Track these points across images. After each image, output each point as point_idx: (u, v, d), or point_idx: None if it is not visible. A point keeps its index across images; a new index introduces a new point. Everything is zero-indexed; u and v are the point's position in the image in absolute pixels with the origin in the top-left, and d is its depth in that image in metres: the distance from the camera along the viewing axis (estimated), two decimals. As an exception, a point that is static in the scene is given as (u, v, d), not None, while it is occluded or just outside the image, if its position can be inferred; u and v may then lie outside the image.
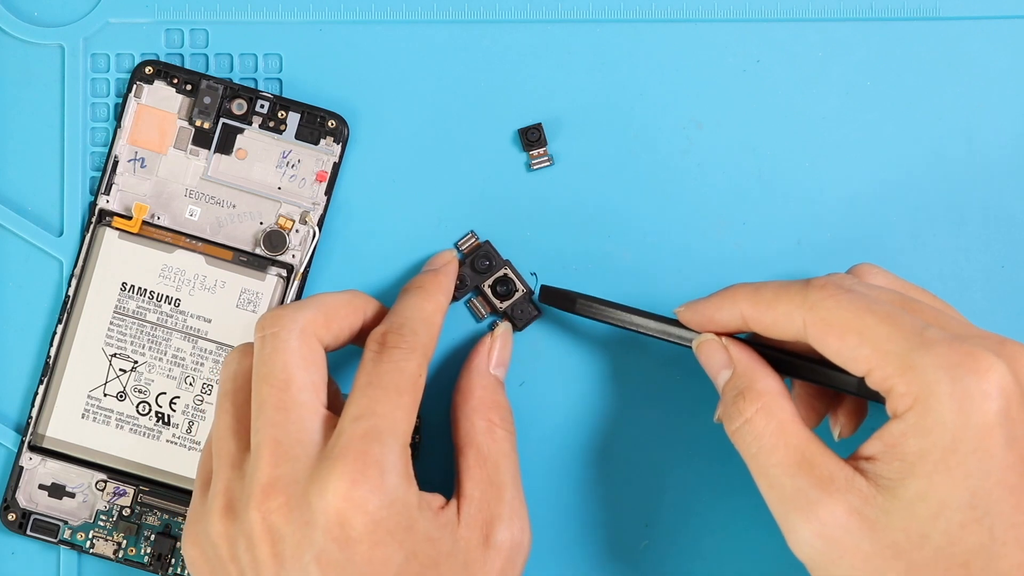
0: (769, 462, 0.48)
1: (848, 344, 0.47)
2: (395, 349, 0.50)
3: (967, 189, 0.57)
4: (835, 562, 0.46)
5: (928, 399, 0.45)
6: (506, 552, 0.50)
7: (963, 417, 0.45)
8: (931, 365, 0.45)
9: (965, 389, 0.45)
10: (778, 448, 0.48)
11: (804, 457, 0.47)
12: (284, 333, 0.50)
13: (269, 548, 0.48)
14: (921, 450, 0.45)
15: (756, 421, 0.48)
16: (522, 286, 0.57)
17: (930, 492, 0.45)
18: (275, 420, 0.49)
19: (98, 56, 0.57)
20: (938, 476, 0.45)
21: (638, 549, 0.57)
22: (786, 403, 0.49)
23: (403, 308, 0.52)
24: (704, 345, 0.51)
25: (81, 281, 0.56)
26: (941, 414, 0.45)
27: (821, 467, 0.47)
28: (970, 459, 0.45)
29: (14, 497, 0.56)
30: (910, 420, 0.46)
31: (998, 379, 0.45)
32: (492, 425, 0.53)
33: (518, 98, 0.57)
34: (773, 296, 0.49)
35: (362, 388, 0.49)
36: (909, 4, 0.58)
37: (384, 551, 0.47)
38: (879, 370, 0.46)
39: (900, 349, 0.46)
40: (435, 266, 0.55)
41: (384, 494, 0.47)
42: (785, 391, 0.49)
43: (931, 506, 0.45)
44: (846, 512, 0.46)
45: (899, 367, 0.46)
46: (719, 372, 0.51)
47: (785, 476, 0.47)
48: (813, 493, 0.46)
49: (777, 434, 0.48)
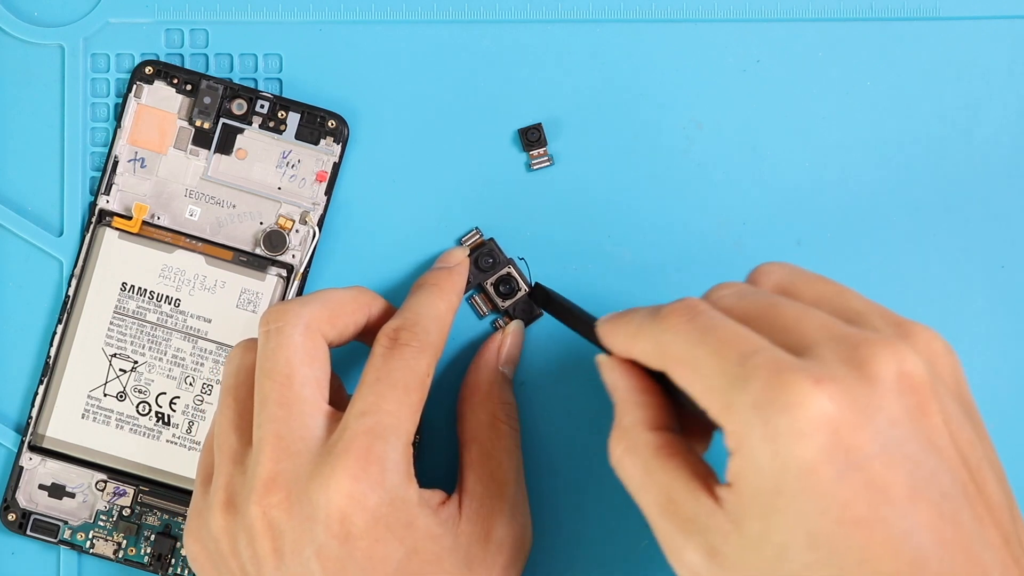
0: (642, 501, 0.45)
1: (684, 378, 0.44)
2: (406, 347, 0.50)
3: (967, 189, 0.57)
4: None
5: (744, 443, 0.42)
6: (508, 548, 0.51)
7: (779, 460, 0.41)
8: (745, 404, 0.42)
9: (776, 429, 0.41)
10: (644, 489, 0.45)
11: (669, 498, 0.44)
12: (288, 328, 0.50)
13: (270, 543, 0.48)
14: (752, 491, 0.42)
15: (624, 462, 0.46)
16: (524, 285, 0.57)
17: (769, 534, 0.41)
18: (277, 415, 0.49)
19: (98, 56, 0.57)
20: (773, 518, 0.41)
21: (638, 549, 0.57)
22: (650, 436, 0.45)
23: (416, 305, 0.52)
24: (598, 364, 0.48)
25: (81, 281, 0.56)
26: (757, 459, 0.41)
27: (684, 507, 0.44)
28: (798, 500, 0.41)
29: (14, 497, 0.56)
30: (737, 462, 0.42)
31: (816, 411, 0.40)
32: (496, 421, 0.53)
33: (518, 98, 0.57)
34: (636, 329, 0.46)
35: (370, 384, 0.49)
36: (909, 4, 0.58)
37: (384, 547, 0.47)
38: (710, 407, 0.43)
39: (721, 385, 0.42)
40: (448, 263, 0.55)
41: (385, 491, 0.48)
42: (653, 420, 0.46)
43: (773, 548, 0.41)
44: (706, 554, 0.43)
45: (721, 406, 0.42)
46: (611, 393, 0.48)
47: (655, 517, 0.44)
48: (678, 538, 0.44)
49: (643, 474, 0.45)
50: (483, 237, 0.57)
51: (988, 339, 0.57)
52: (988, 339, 0.57)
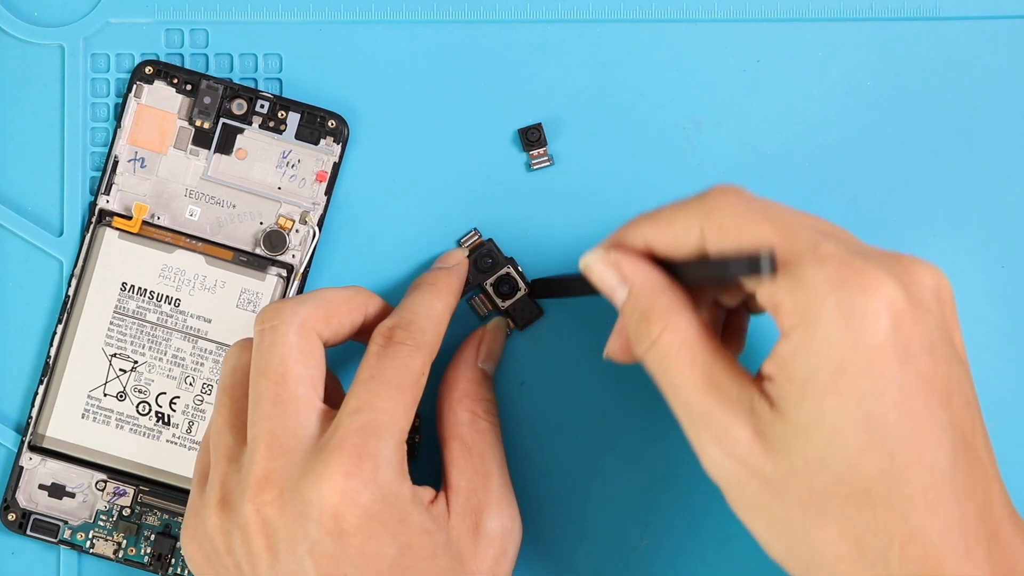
0: (677, 383, 0.45)
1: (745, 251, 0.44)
2: (401, 345, 0.50)
3: (967, 189, 0.57)
4: (743, 484, 0.45)
5: (814, 317, 0.43)
6: (497, 540, 0.51)
7: (851, 336, 0.42)
8: (819, 281, 0.43)
9: (852, 307, 0.42)
10: (685, 368, 0.45)
11: (711, 377, 0.45)
12: (283, 327, 0.50)
13: (263, 541, 0.48)
14: (808, 371, 0.43)
15: (663, 341, 0.46)
16: (524, 285, 0.57)
17: (823, 416, 0.43)
18: (271, 414, 0.49)
19: (98, 56, 0.57)
20: (829, 399, 0.43)
21: (638, 549, 0.57)
22: (691, 318, 0.46)
23: (413, 304, 0.52)
24: (593, 264, 0.48)
25: (81, 281, 0.56)
26: (827, 333, 0.43)
27: (727, 388, 0.45)
28: (861, 381, 0.42)
29: (14, 497, 0.56)
30: (796, 339, 0.43)
31: (887, 297, 0.43)
32: (475, 417, 0.53)
33: (518, 98, 0.57)
34: (671, 212, 0.47)
35: (364, 382, 0.49)
36: (909, 4, 0.58)
37: (378, 544, 0.48)
38: (768, 283, 0.44)
39: (792, 260, 0.44)
40: (446, 264, 0.55)
41: (377, 488, 0.48)
42: (689, 304, 0.46)
43: (825, 431, 0.43)
44: (751, 435, 0.44)
45: (788, 281, 0.44)
46: (615, 292, 0.48)
47: (693, 397, 0.45)
48: (721, 416, 0.44)
49: (684, 353, 0.45)
50: (482, 238, 0.57)
51: (988, 339, 0.57)
52: (988, 339, 0.57)
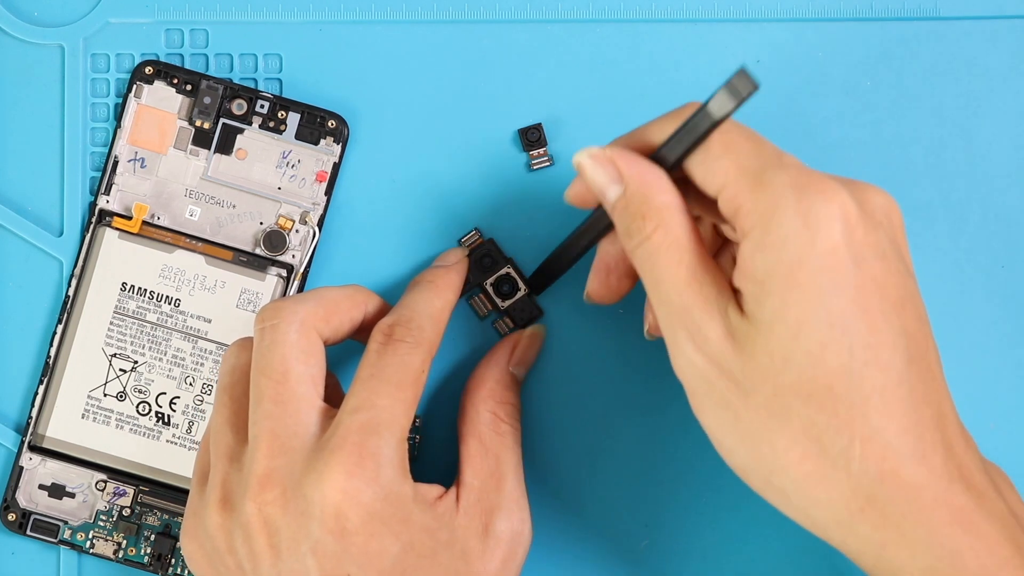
0: (663, 277, 0.47)
1: (712, 153, 0.47)
2: (401, 343, 0.50)
3: (967, 189, 0.57)
4: (711, 383, 0.46)
5: (773, 215, 0.45)
6: (506, 542, 0.51)
7: (808, 234, 0.45)
8: (779, 183, 0.45)
9: (810, 208, 0.45)
10: (671, 265, 0.47)
11: (695, 277, 0.47)
12: (283, 325, 0.50)
13: (265, 539, 0.48)
14: (768, 268, 0.45)
15: (654, 238, 0.47)
16: (524, 285, 0.57)
17: (785, 311, 0.45)
18: (272, 412, 0.49)
19: (98, 56, 0.57)
20: (790, 293, 0.45)
21: (638, 549, 0.57)
22: (683, 219, 0.47)
23: (412, 302, 0.52)
24: (589, 160, 0.49)
25: (81, 281, 0.56)
26: (784, 229, 0.45)
27: (707, 289, 0.46)
28: (820, 277, 0.44)
29: (14, 497, 0.56)
30: (754, 238, 0.45)
31: (842, 204, 0.45)
32: (497, 418, 0.53)
33: (518, 98, 0.57)
34: (662, 121, 0.49)
35: (363, 380, 0.49)
36: (909, 4, 0.58)
37: (380, 542, 0.48)
38: (733, 185, 0.46)
39: (756, 166, 0.46)
40: (446, 262, 0.55)
41: (379, 486, 0.48)
42: (682, 206, 0.48)
43: (789, 326, 0.45)
44: (722, 334, 0.46)
45: (751, 183, 0.46)
46: (608, 189, 0.48)
47: (675, 293, 0.47)
48: (697, 313, 0.46)
49: (673, 251, 0.47)
50: (483, 237, 0.57)
51: (988, 339, 0.57)
52: (988, 339, 0.57)
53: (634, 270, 0.52)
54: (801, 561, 0.57)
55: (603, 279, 0.53)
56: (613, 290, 0.53)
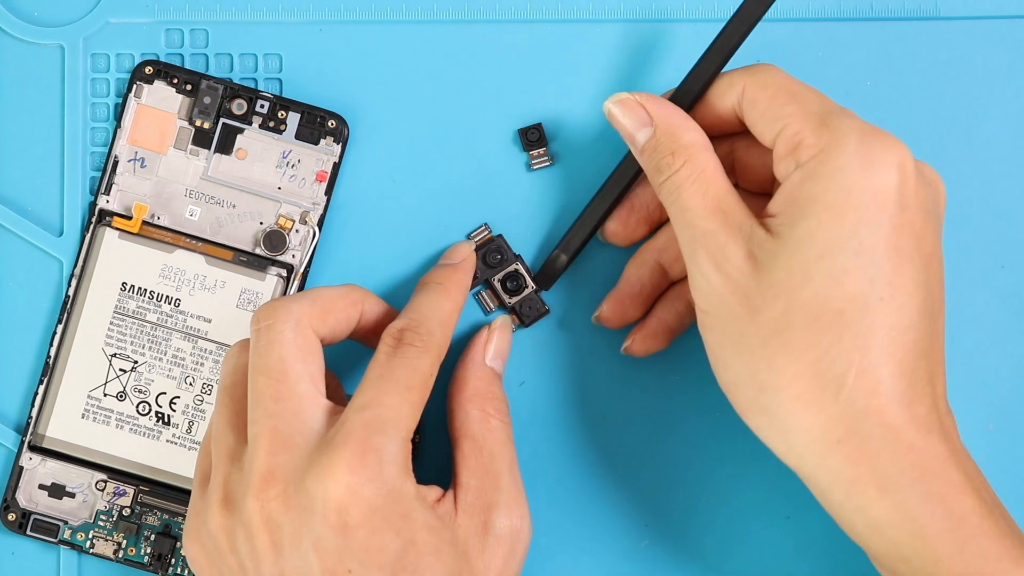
0: (688, 205, 0.49)
1: (777, 101, 0.49)
2: (410, 347, 0.50)
3: (967, 189, 0.57)
4: (723, 299, 0.48)
5: (833, 149, 0.48)
6: (506, 539, 0.51)
7: (863, 171, 0.47)
8: (846, 126, 0.48)
9: (871, 150, 0.47)
10: (697, 195, 0.49)
11: (719, 205, 0.49)
12: (279, 325, 0.50)
13: (267, 537, 0.48)
14: (815, 193, 0.47)
15: (682, 172, 0.50)
16: (532, 282, 0.57)
17: (818, 232, 0.47)
18: (273, 411, 0.49)
19: (98, 56, 0.57)
20: (827, 217, 0.47)
21: (638, 549, 0.57)
22: (710, 155, 0.50)
23: (421, 305, 0.52)
24: (619, 104, 0.52)
25: (81, 281, 0.56)
26: (842, 162, 0.47)
27: (732, 215, 0.49)
28: (863, 209, 0.47)
29: (14, 497, 0.56)
30: (810, 167, 0.48)
31: (902, 156, 0.48)
32: (486, 415, 0.53)
33: (518, 98, 0.57)
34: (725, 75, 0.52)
35: (372, 380, 0.50)
36: (909, 4, 0.58)
37: (381, 539, 0.48)
38: (796, 125, 0.49)
39: (821, 111, 0.49)
40: (453, 260, 0.55)
41: (382, 482, 0.48)
42: (709, 144, 0.51)
43: (817, 246, 0.47)
44: (744, 255, 0.48)
45: (815, 123, 0.48)
46: (637, 131, 0.52)
47: (699, 219, 0.49)
48: (721, 236, 0.49)
49: (699, 182, 0.50)
50: (491, 233, 0.57)
51: (988, 339, 0.57)
52: (988, 339, 0.57)
53: (653, 216, 0.55)
54: (801, 561, 0.57)
55: (624, 218, 0.55)
56: (630, 231, 0.55)
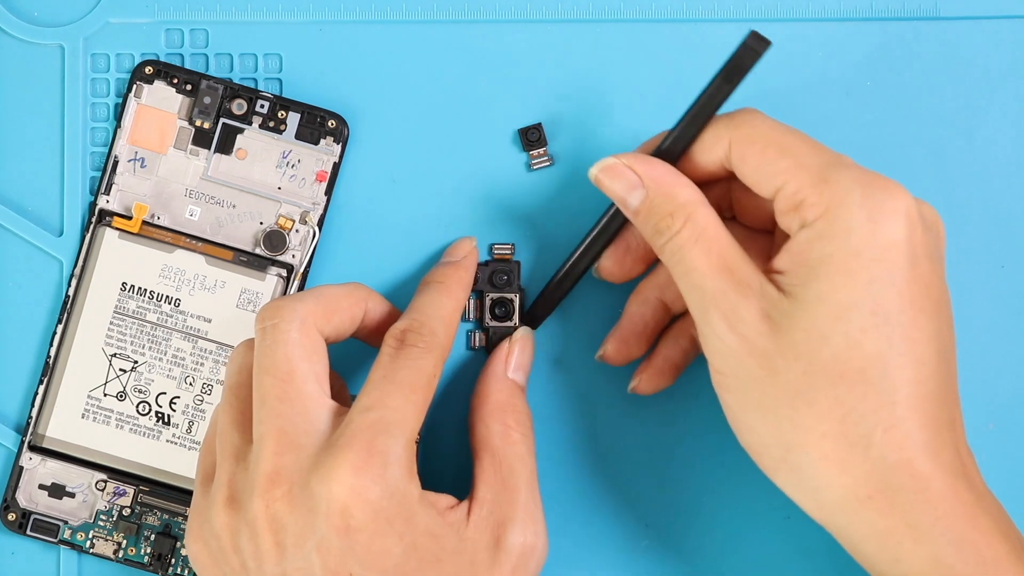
0: (694, 266, 0.49)
1: (768, 157, 0.49)
2: (413, 348, 0.50)
3: (967, 189, 0.57)
4: (741, 361, 0.48)
5: (839, 207, 0.47)
6: (516, 555, 0.50)
7: (871, 227, 0.47)
8: (846, 180, 0.47)
9: (876, 203, 0.47)
10: (702, 255, 0.49)
11: (726, 262, 0.49)
12: (284, 324, 0.50)
13: (271, 537, 0.48)
14: (825, 254, 0.47)
15: (683, 233, 0.49)
16: (517, 319, 0.56)
17: (832, 294, 0.47)
18: (279, 411, 0.49)
19: (98, 56, 0.57)
20: (840, 278, 0.47)
21: (638, 549, 0.57)
22: (709, 211, 0.49)
23: (423, 305, 0.52)
24: (605, 171, 0.51)
25: (81, 281, 0.56)
26: (849, 221, 0.47)
27: (740, 273, 0.48)
28: (874, 266, 0.47)
29: (14, 497, 0.56)
30: (817, 227, 0.47)
31: (906, 204, 0.47)
32: (507, 429, 0.52)
33: (518, 98, 0.57)
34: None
35: (376, 382, 0.50)
36: (909, 4, 0.58)
37: (384, 541, 0.47)
38: (794, 182, 0.48)
39: (817, 164, 0.48)
40: (455, 257, 0.55)
41: (385, 485, 0.48)
42: (704, 199, 0.50)
43: (832, 308, 0.47)
44: (758, 314, 0.48)
45: (814, 179, 0.48)
46: (628, 194, 0.51)
47: (707, 280, 0.48)
48: (732, 295, 0.48)
49: (702, 241, 0.49)
50: (513, 256, 0.57)
51: (988, 339, 0.57)
52: (988, 339, 0.57)
53: (650, 255, 0.54)
54: (801, 561, 0.57)
55: (619, 257, 0.55)
56: (626, 270, 0.55)
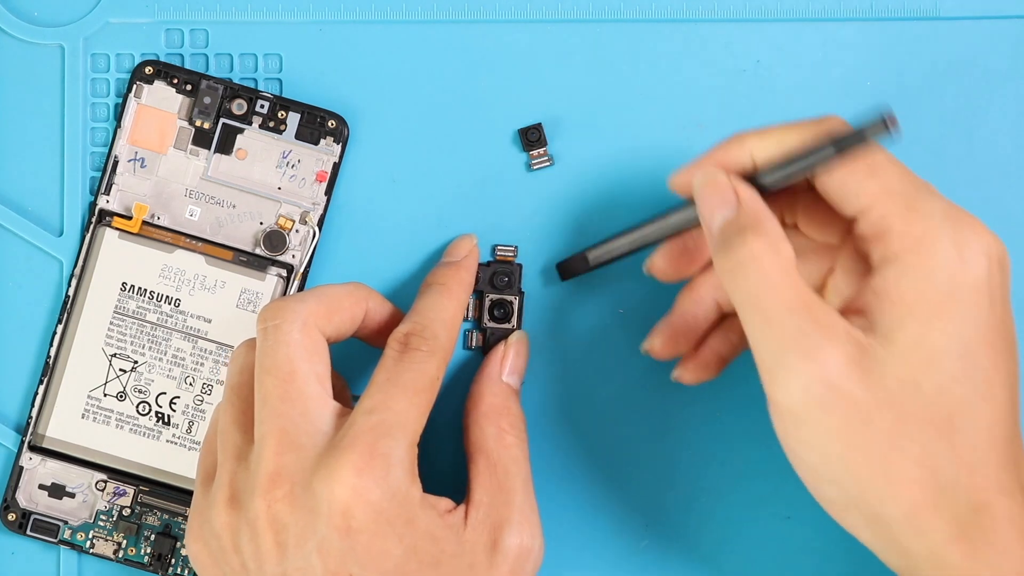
0: (771, 299, 0.46)
1: (856, 176, 0.47)
2: (416, 351, 0.50)
3: (967, 189, 0.57)
4: (827, 409, 0.45)
5: (930, 242, 0.46)
6: (513, 557, 0.50)
7: (961, 266, 0.46)
8: (935, 211, 0.46)
9: (964, 240, 0.46)
10: (782, 287, 0.46)
11: (805, 301, 0.46)
12: (286, 325, 0.50)
13: (272, 537, 0.48)
14: (918, 292, 0.46)
15: (763, 257, 0.46)
16: (515, 324, 0.56)
17: (926, 338, 0.45)
18: (281, 411, 0.49)
19: (98, 56, 0.57)
20: (936, 322, 0.45)
21: (638, 549, 0.57)
22: (790, 247, 0.47)
23: (425, 308, 0.52)
24: (711, 182, 0.49)
25: (81, 281, 0.56)
26: (942, 258, 0.46)
27: (822, 314, 0.46)
28: (963, 309, 0.46)
29: (14, 497, 0.56)
30: (908, 261, 0.46)
31: (991, 242, 0.46)
32: (502, 432, 0.53)
33: (518, 98, 0.57)
34: (784, 129, 0.49)
35: (379, 384, 0.50)
36: (909, 4, 0.58)
37: (384, 543, 0.47)
38: (880, 207, 0.47)
39: (906, 190, 0.47)
40: (455, 256, 0.55)
41: (387, 486, 0.48)
42: (784, 235, 0.47)
43: (926, 353, 0.45)
44: (844, 359, 0.45)
45: (902, 207, 0.46)
46: (719, 210, 0.48)
47: (788, 316, 0.46)
48: (815, 336, 0.45)
49: (783, 273, 0.46)
50: (516, 258, 0.57)
51: (988, 339, 0.57)
52: (988, 339, 0.57)
53: (702, 260, 0.53)
54: (801, 561, 0.57)
55: (674, 258, 0.53)
56: (679, 271, 0.53)
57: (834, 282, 0.51)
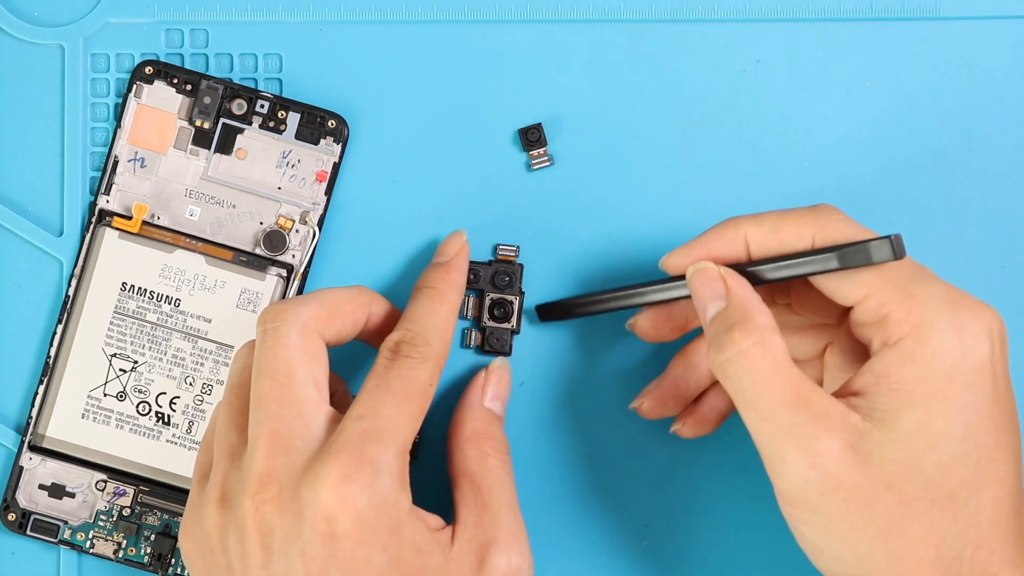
0: (764, 395, 0.47)
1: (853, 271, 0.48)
2: (407, 358, 0.50)
3: (967, 189, 0.57)
4: (826, 495, 0.46)
5: (929, 327, 0.46)
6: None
7: (961, 349, 0.46)
8: (934, 296, 0.47)
9: (964, 324, 0.46)
10: (774, 383, 0.47)
11: (799, 392, 0.47)
12: (286, 328, 0.50)
13: (258, 539, 0.48)
14: (918, 378, 0.46)
15: (752, 354, 0.47)
16: (515, 322, 0.56)
17: (927, 422, 0.46)
18: (275, 413, 0.49)
19: (98, 56, 0.57)
20: (936, 406, 0.46)
21: (638, 549, 0.57)
22: (780, 340, 0.47)
23: (416, 314, 0.52)
24: (701, 273, 0.50)
25: (81, 281, 0.56)
26: (941, 343, 0.46)
27: (816, 404, 0.46)
28: (965, 391, 0.46)
29: (14, 497, 0.56)
30: (907, 347, 0.46)
31: (991, 322, 0.47)
32: (484, 454, 0.52)
33: (518, 98, 0.57)
34: (779, 217, 0.50)
35: (370, 390, 0.49)
36: (909, 4, 0.58)
37: (367, 551, 0.47)
38: (878, 296, 0.47)
39: (902, 278, 0.47)
40: (445, 255, 0.55)
41: (374, 493, 0.47)
42: (778, 328, 0.48)
43: (927, 437, 0.46)
44: (842, 447, 0.46)
45: (899, 294, 0.47)
46: (711, 303, 0.49)
47: (782, 410, 0.46)
48: (811, 428, 0.46)
49: (773, 368, 0.47)
50: (517, 258, 0.56)
51: (988, 339, 0.57)
52: (988, 339, 0.57)
53: (686, 326, 0.53)
54: (801, 561, 0.57)
55: (659, 322, 0.54)
56: (660, 334, 0.54)
57: (832, 355, 0.53)
